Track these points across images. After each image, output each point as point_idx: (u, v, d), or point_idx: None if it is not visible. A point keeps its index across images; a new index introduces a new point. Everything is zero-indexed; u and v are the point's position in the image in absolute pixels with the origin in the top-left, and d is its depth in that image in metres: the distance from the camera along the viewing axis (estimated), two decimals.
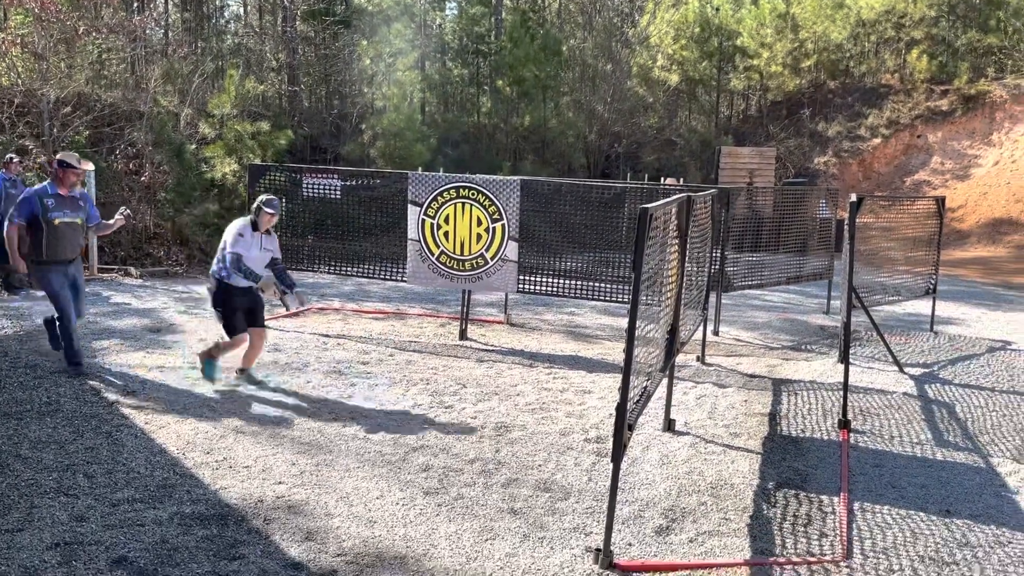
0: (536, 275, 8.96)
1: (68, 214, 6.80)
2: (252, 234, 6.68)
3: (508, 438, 5.94)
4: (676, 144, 27.07)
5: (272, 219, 6.77)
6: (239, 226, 6.69)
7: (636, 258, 3.90)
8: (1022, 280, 16.15)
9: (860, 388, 7.63)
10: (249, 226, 6.69)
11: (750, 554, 4.32)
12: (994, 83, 25.81)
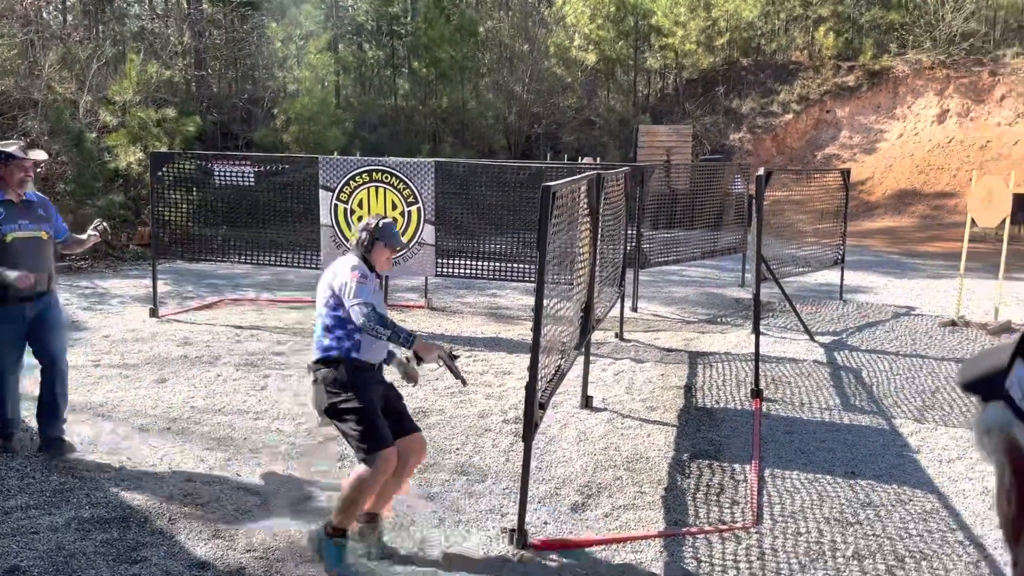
0: (455, 258, 8.89)
1: (26, 226, 4.78)
2: (373, 277, 3.96)
3: (426, 423, 5.87)
4: (595, 123, 27.26)
5: (393, 255, 4.17)
6: (353, 265, 3.86)
7: (540, 237, 3.87)
8: (925, 248, 16.81)
9: (772, 358, 7.81)
10: (363, 265, 3.93)
11: (664, 526, 4.37)
12: (897, 59, 26.72)
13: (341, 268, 3.86)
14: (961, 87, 24.47)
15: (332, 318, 3.83)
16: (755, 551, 4.11)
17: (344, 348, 3.80)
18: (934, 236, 18.48)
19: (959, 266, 9.73)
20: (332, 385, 3.78)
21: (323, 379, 3.81)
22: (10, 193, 4.81)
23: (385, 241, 4.01)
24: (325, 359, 3.82)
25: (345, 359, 3.79)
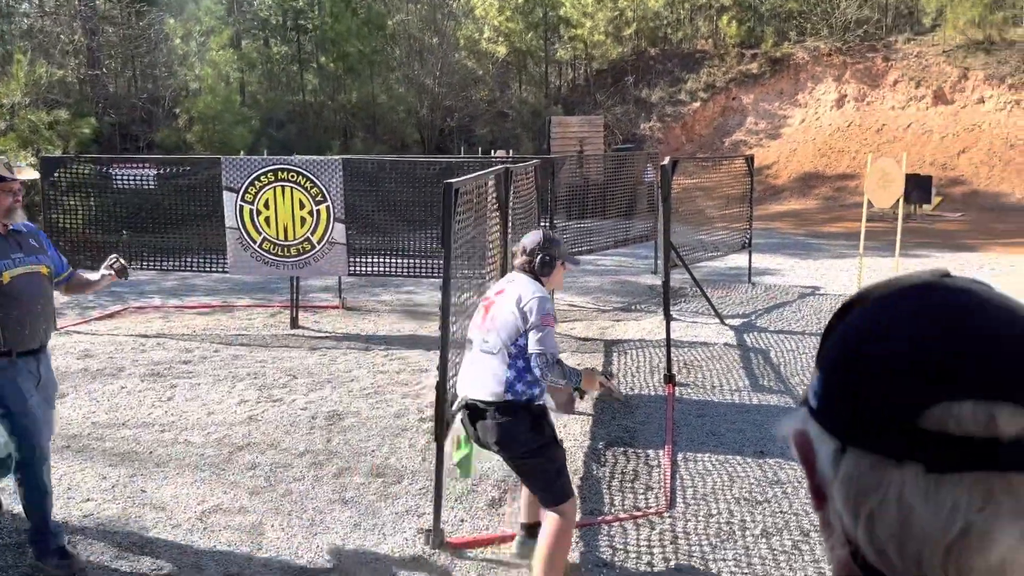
0: (368, 256, 8.77)
1: (23, 260, 3.81)
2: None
3: (340, 426, 5.78)
4: (508, 116, 27.31)
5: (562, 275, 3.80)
6: (546, 308, 3.45)
7: (444, 235, 3.84)
8: (829, 229, 17.44)
9: (684, 342, 7.97)
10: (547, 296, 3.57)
11: (579, 515, 4.40)
12: (796, 46, 27.58)
13: (532, 304, 3.41)
14: (857, 72, 25.42)
15: (526, 360, 3.41)
16: (668, 535, 4.18)
17: (535, 394, 3.48)
18: (837, 217, 19.18)
19: (860, 246, 10.11)
20: (531, 429, 3.44)
21: (518, 424, 3.42)
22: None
23: (566, 261, 3.72)
24: (516, 403, 3.42)
25: (534, 404, 3.49)
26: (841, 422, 0.64)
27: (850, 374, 0.64)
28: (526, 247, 3.61)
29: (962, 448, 0.58)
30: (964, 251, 13.69)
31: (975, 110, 22.25)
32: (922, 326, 0.62)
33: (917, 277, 0.68)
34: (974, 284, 0.66)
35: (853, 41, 26.33)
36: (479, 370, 3.49)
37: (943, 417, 0.58)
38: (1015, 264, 12.30)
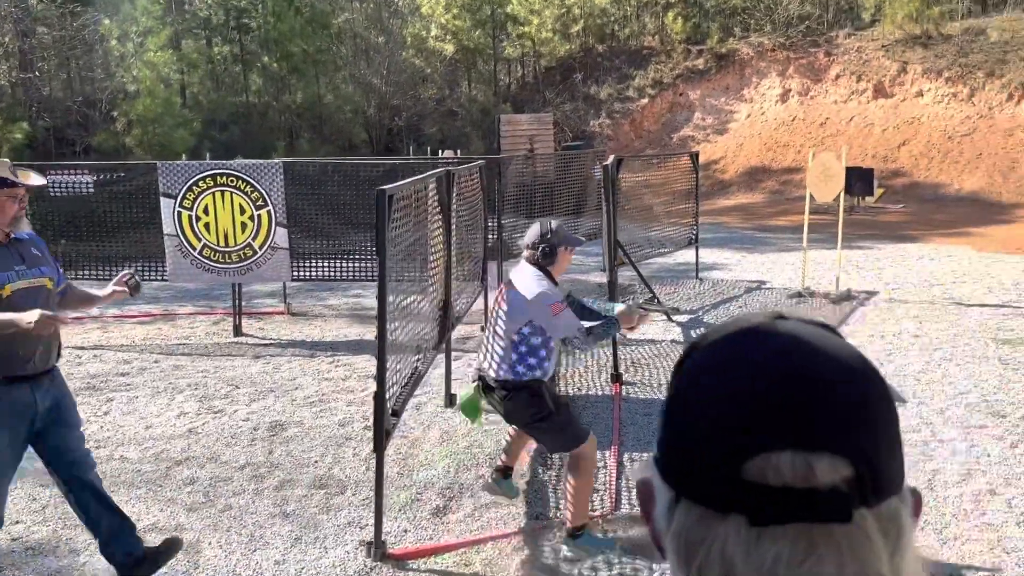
0: (312, 260, 8.65)
1: (25, 273, 3.44)
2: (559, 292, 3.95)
3: (283, 437, 5.67)
4: (457, 114, 27.19)
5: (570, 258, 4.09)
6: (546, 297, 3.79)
7: (378, 243, 3.76)
8: (775, 223, 17.68)
9: (632, 340, 7.98)
10: (551, 283, 3.89)
11: (525, 521, 4.37)
12: (741, 42, 27.91)
13: (533, 304, 3.77)
14: (800, 67, 25.81)
15: (528, 346, 3.84)
16: (612, 537, 4.16)
17: (536, 376, 3.88)
18: (783, 210, 19.45)
19: (803, 239, 10.25)
20: (530, 404, 3.90)
21: (519, 399, 3.90)
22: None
23: (567, 244, 3.95)
24: (517, 383, 3.87)
25: (536, 383, 3.89)
26: (674, 472, 0.63)
27: (680, 423, 0.63)
28: (528, 242, 3.93)
29: (782, 499, 0.57)
30: (906, 242, 13.98)
31: (914, 103, 22.76)
32: (744, 374, 0.61)
33: (748, 320, 0.67)
34: (803, 327, 0.65)
35: (796, 36, 26.74)
36: (493, 349, 3.93)
37: (763, 468, 0.57)
38: (953, 254, 12.59)
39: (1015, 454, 5.06)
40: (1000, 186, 18.93)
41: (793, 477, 0.57)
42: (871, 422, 0.60)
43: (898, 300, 9.43)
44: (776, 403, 0.59)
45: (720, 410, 0.60)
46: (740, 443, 0.58)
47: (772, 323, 0.65)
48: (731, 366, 0.62)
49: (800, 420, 0.58)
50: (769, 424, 0.58)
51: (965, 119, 21.33)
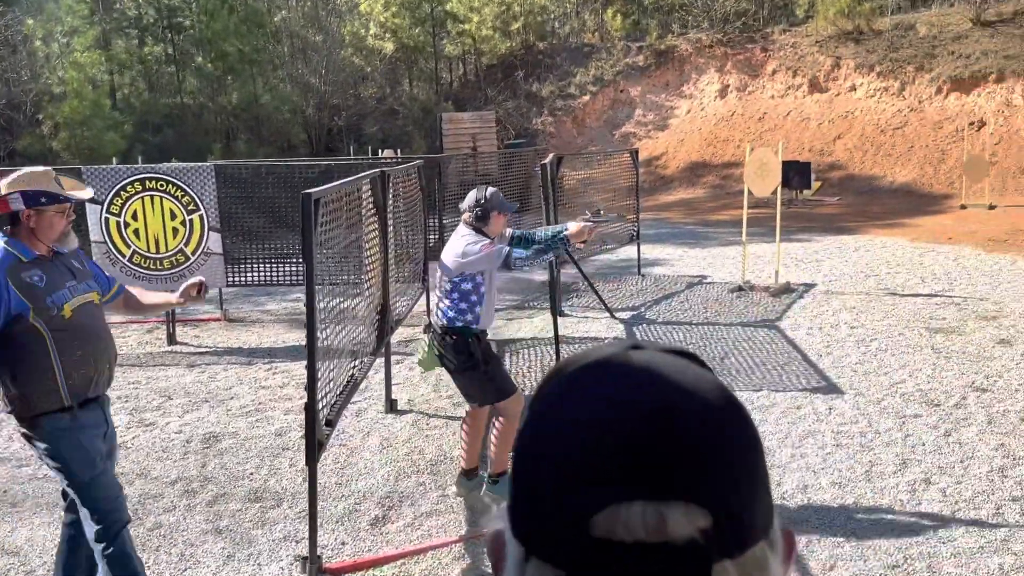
0: (248, 264, 8.45)
1: (76, 288, 3.22)
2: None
3: (217, 449, 5.49)
4: (399, 113, 26.93)
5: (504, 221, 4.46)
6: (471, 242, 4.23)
7: (305, 249, 3.64)
8: (717, 217, 17.88)
9: (575, 338, 7.96)
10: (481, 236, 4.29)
11: (466, 529, 4.29)
12: (680, 38, 28.19)
13: (464, 250, 4.22)
14: (738, 63, 26.18)
15: (459, 292, 4.29)
16: None
17: (467, 320, 4.30)
18: (724, 205, 19.69)
19: (743, 233, 10.35)
20: (460, 350, 4.31)
21: (452, 344, 4.32)
22: (40, 247, 3.17)
23: (500, 209, 4.32)
24: (451, 328, 4.32)
25: (468, 329, 4.30)
26: (522, 525, 0.56)
27: (526, 469, 0.56)
28: (466, 206, 4.34)
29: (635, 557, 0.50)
30: (843, 234, 14.25)
31: (848, 98, 23.25)
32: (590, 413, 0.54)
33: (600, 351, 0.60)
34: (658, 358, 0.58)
35: (733, 33, 27.10)
36: (436, 301, 4.49)
37: (612, 523, 0.51)
38: (887, 245, 12.87)
39: (948, 443, 5.15)
40: (931, 178, 19.45)
41: (645, 531, 0.50)
42: (731, 463, 0.54)
43: (835, 292, 9.58)
44: (623, 445, 0.52)
45: (564, 455, 0.54)
46: (585, 495, 0.52)
47: (625, 354, 0.59)
48: (576, 404, 0.56)
49: (650, 464, 0.52)
50: (615, 471, 0.52)
51: (897, 112, 21.87)
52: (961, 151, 18.63)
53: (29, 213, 3.12)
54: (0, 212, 3.11)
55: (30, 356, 3.06)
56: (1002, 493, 4.44)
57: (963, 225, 14.37)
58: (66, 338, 3.12)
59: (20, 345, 3.05)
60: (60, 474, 3.20)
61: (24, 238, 3.14)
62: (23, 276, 3.07)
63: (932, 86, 21.52)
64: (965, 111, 20.46)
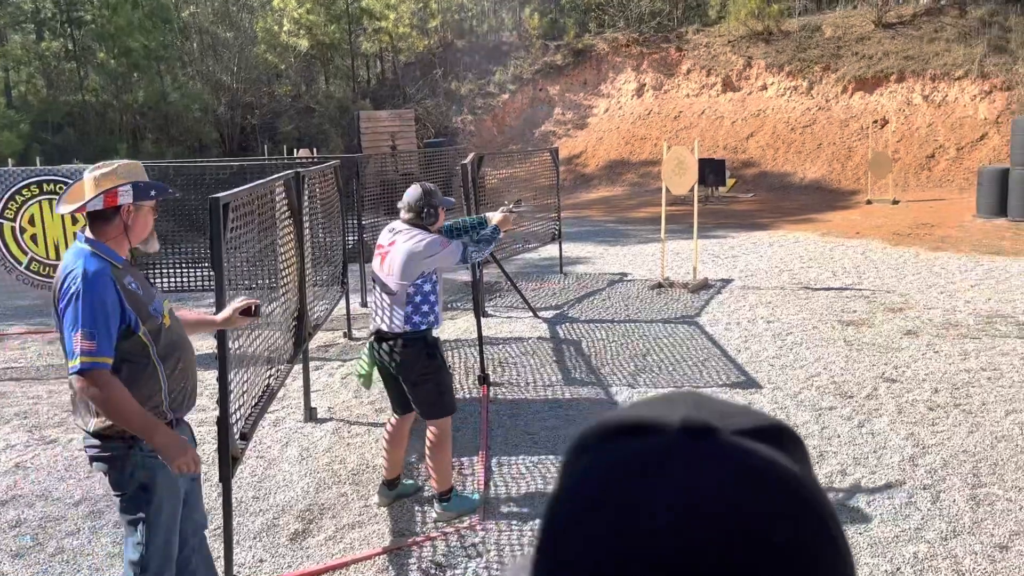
0: (157, 270, 8.11)
1: (160, 300, 3.07)
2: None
3: None
4: (315, 111, 26.41)
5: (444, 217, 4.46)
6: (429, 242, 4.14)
7: (214, 256, 3.46)
8: (637, 215, 18.11)
9: (499, 339, 7.90)
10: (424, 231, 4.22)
11: (390, 539, 4.18)
12: (597, 37, 28.48)
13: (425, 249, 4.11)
14: (654, 62, 26.59)
15: (421, 294, 4.16)
16: (481, 548, 4.04)
17: (430, 322, 4.21)
18: (643, 202, 19.96)
19: (662, 231, 10.48)
20: (424, 356, 4.17)
21: (415, 349, 4.16)
22: (125, 248, 2.93)
23: (442, 205, 4.31)
24: (415, 333, 4.16)
25: (428, 332, 4.21)
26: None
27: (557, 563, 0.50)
28: (410, 204, 4.21)
29: None
30: (757, 230, 14.60)
31: (759, 96, 23.87)
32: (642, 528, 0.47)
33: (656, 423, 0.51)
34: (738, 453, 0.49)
35: (648, 32, 27.52)
36: (386, 306, 4.21)
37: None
38: (799, 240, 13.24)
39: (862, 433, 5.29)
40: (839, 174, 20.13)
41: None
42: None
43: (751, 287, 9.79)
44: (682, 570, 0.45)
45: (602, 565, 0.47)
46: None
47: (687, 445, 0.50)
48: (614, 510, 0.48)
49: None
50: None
51: (806, 111, 22.56)
52: (866, 148, 19.35)
53: (130, 208, 2.88)
54: (107, 206, 2.83)
55: (138, 370, 2.84)
56: (914, 482, 4.57)
57: (869, 220, 14.91)
58: (167, 349, 2.93)
59: (128, 359, 2.81)
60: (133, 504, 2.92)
61: (111, 239, 2.87)
62: (124, 282, 2.82)
63: (838, 85, 22.28)
64: (869, 110, 21.25)
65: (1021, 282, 9.37)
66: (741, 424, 0.51)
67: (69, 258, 2.82)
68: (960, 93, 20.34)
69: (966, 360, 6.67)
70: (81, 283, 2.70)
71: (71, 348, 2.69)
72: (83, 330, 2.67)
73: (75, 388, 2.78)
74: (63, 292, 2.74)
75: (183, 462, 2.83)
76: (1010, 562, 3.74)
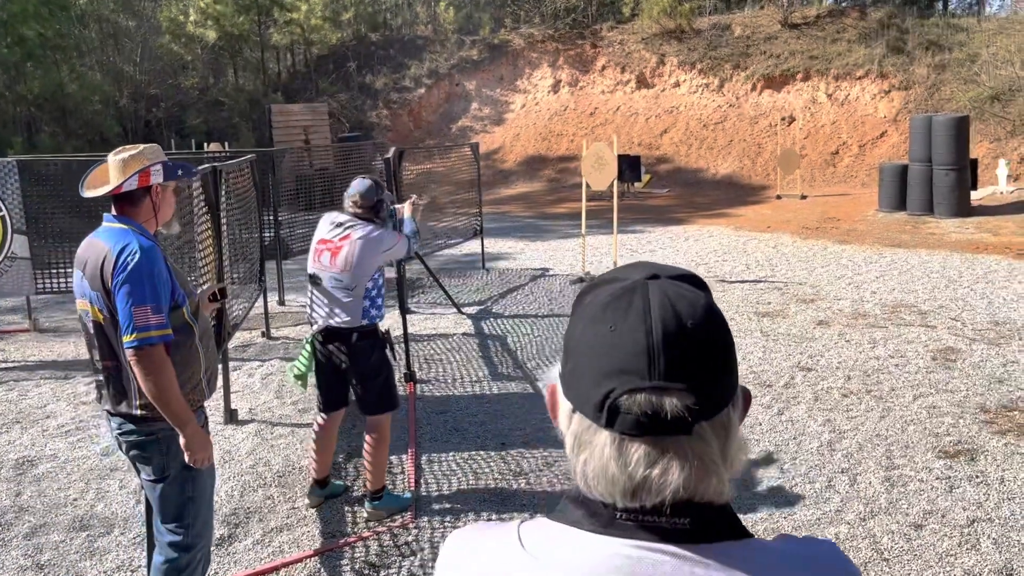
0: (60, 269, 7.72)
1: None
2: None
3: (33, 475, 4.96)
4: (224, 104, 25.63)
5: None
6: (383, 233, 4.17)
7: None
8: (555, 210, 18.25)
9: (424, 336, 7.84)
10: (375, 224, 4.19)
11: (320, 541, 4.09)
12: (513, 33, 28.55)
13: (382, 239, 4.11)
14: (569, 59, 26.83)
15: (376, 288, 4.16)
16: (415, 547, 3.99)
17: (382, 315, 4.24)
18: (562, 198, 20.14)
19: (582, 226, 10.58)
20: (377, 349, 4.17)
21: (370, 343, 4.14)
22: (153, 228, 2.97)
23: (390, 199, 4.36)
24: (371, 326, 4.15)
25: (375, 329, 4.19)
26: (571, 392, 0.87)
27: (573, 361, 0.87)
28: (363, 197, 4.13)
29: (644, 421, 0.80)
30: (673, 224, 14.91)
31: (672, 93, 24.37)
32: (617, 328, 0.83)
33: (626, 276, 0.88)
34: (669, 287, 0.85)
35: (564, 29, 27.74)
36: (336, 301, 4.07)
37: (629, 402, 0.81)
38: (713, 234, 13.59)
39: (782, 421, 5.45)
40: (750, 170, 20.74)
41: (650, 408, 0.80)
42: (714, 361, 0.83)
43: None
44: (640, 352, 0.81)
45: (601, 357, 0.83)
46: (614, 384, 0.81)
47: (643, 284, 0.86)
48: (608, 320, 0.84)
49: (656, 367, 0.80)
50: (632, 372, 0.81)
51: (717, 108, 23.15)
52: (775, 145, 19.99)
53: (158, 188, 2.92)
54: (141, 185, 2.86)
55: (184, 348, 2.86)
56: (832, 466, 4.74)
57: (780, 214, 15.41)
58: (203, 329, 2.98)
59: (176, 339, 2.80)
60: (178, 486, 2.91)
61: (141, 220, 2.90)
62: (168, 262, 2.85)
63: (748, 83, 22.94)
64: (777, 107, 21.96)
65: (922, 273, 9.84)
66: (673, 272, 0.89)
67: (112, 237, 2.79)
68: (861, 92, 21.23)
69: (875, 348, 6.96)
70: (141, 257, 2.72)
71: (130, 322, 2.68)
72: (148, 304, 2.69)
73: (129, 362, 2.73)
74: (119, 267, 2.71)
75: (204, 456, 2.86)
76: (924, 540, 3.92)
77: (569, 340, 0.87)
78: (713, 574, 0.81)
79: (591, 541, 0.83)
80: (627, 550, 0.82)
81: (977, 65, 19.48)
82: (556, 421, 0.89)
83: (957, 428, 5.21)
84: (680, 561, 0.81)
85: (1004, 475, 4.55)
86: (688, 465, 0.80)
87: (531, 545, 0.86)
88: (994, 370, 6.28)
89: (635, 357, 0.80)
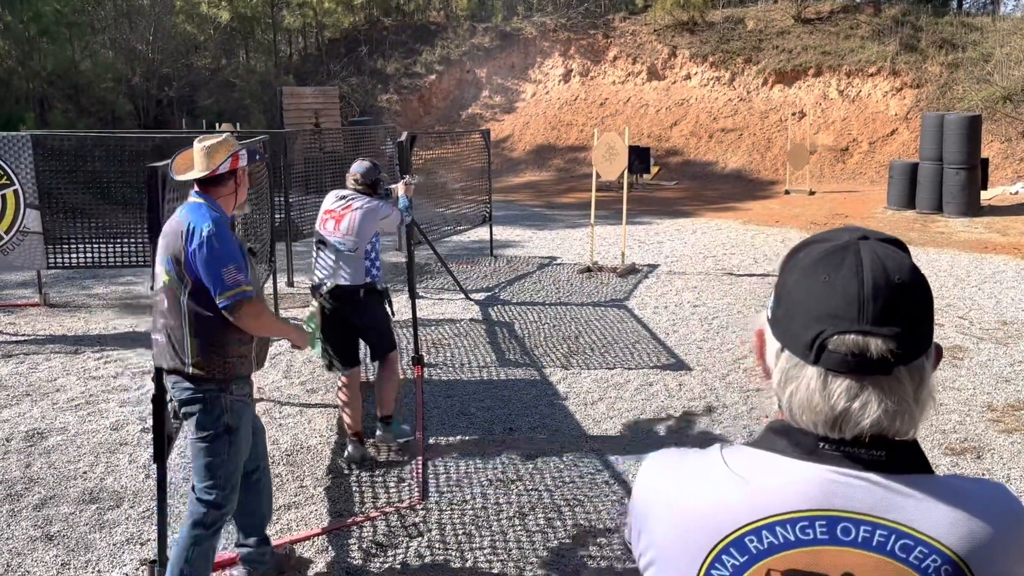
0: (72, 244, 7.76)
1: None
2: None
3: (43, 447, 5.00)
4: (235, 86, 25.61)
5: None
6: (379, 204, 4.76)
7: (151, 227, 3.33)
8: (564, 200, 18.23)
9: (432, 321, 7.86)
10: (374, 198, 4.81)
11: (328, 520, 4.12)
12: (525, 21, 28.46)
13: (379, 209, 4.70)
14: (581, 48, 26.74)
15: (375, 251, 4.78)
16: (422, 528, 4.02)
17: (380, 275, 4.86)
18: (570, 188, 20.11)
19: (591, 216, 10.58)
20: (381, 304, 4.82)
21: (376, 299, 4.77)
22: (230, 210, 3.29)
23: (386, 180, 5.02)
24: (374, 284, 4.75)
25: (382, 286, 4.86)
26: (780, 334, 0.99)
27: (786, 306, 0.99)
28: (365, 176, 4.77)
29: (849, 360, 0.92)
30: (681, 217, 14.89)
31: (683, 86, 24.29)
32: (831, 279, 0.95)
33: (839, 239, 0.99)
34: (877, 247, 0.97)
35: (576, 18, 27.63)
36: (342, 264, 4.65)
37: (837, 342, 0.93)
38: (722, 227, 13.57)
39: None
40: (759, 164, 20.69)
41: (856, 348, 0.92)
42: (916, 313, 0.95)
43: (677, 272, 9.99)
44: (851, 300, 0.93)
45: (813, 303, 0.95)
46: (825, 327, 0.94)
47: (856, 243, 0.98)
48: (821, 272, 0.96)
49: (865, 314, 0.92)
50: (843, 317, 0.93)
51: (728, 102, 23.07)
52: (785, 140, 19.92)
53: (242, 171, 3.22)
54: (233, 167, 3.16)
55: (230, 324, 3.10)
56: None
57: (788, 209, 15.38)
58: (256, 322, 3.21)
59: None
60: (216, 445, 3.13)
61: (221, 199, 3.17)
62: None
63: (759, 78, 22.85)
64: (788, 102, 21.87)
65: (930, 271, 9.82)
66: (881, 236, 1.00)
67: (192, 212, 3.07)
68: (873, 89, 21.13)
69: None
70: (215, 227, 3.00)
71: (219, 283, 2.96)
72: (231, 265, 2.98)
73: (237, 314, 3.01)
74: (195, 236, 2.99)
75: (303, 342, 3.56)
76: None
77: (781, 289, 1.00)
78: (904, 500, 0.93)
79: (796, 466, 0.95)
80: (829, 475, 0.94)
81: (990, 65, 19.38)
82: (762, 362, 1.03)
83: (964, 426, 5.23)
84: (874, 487, 0.93)
85: (1010, 473, 4.57)
86: (885, 402, 0.92)
87: (738, 467, 0.97)
88: (1001, 369, 6.29)
89: (847, 304, 0.92)
